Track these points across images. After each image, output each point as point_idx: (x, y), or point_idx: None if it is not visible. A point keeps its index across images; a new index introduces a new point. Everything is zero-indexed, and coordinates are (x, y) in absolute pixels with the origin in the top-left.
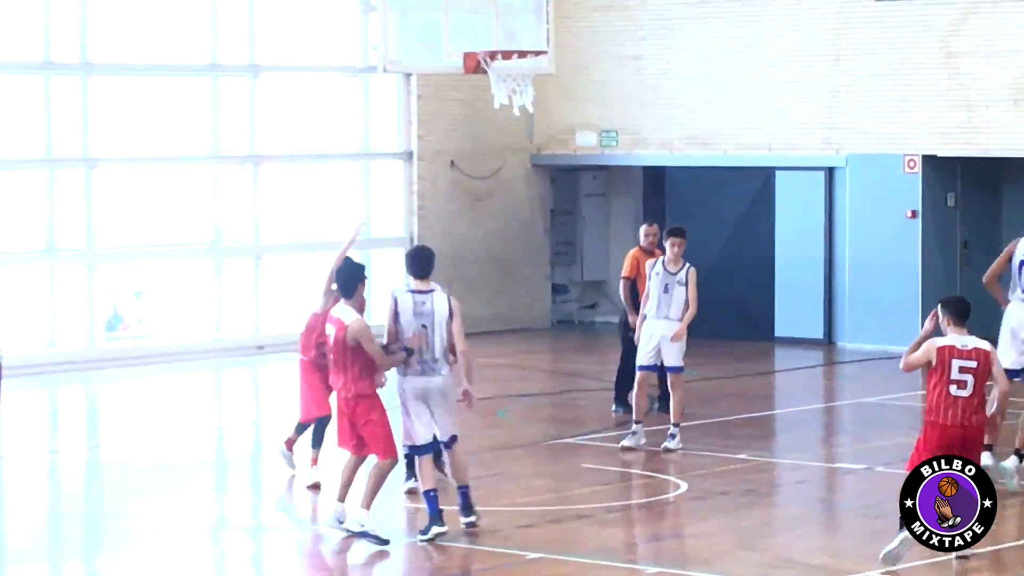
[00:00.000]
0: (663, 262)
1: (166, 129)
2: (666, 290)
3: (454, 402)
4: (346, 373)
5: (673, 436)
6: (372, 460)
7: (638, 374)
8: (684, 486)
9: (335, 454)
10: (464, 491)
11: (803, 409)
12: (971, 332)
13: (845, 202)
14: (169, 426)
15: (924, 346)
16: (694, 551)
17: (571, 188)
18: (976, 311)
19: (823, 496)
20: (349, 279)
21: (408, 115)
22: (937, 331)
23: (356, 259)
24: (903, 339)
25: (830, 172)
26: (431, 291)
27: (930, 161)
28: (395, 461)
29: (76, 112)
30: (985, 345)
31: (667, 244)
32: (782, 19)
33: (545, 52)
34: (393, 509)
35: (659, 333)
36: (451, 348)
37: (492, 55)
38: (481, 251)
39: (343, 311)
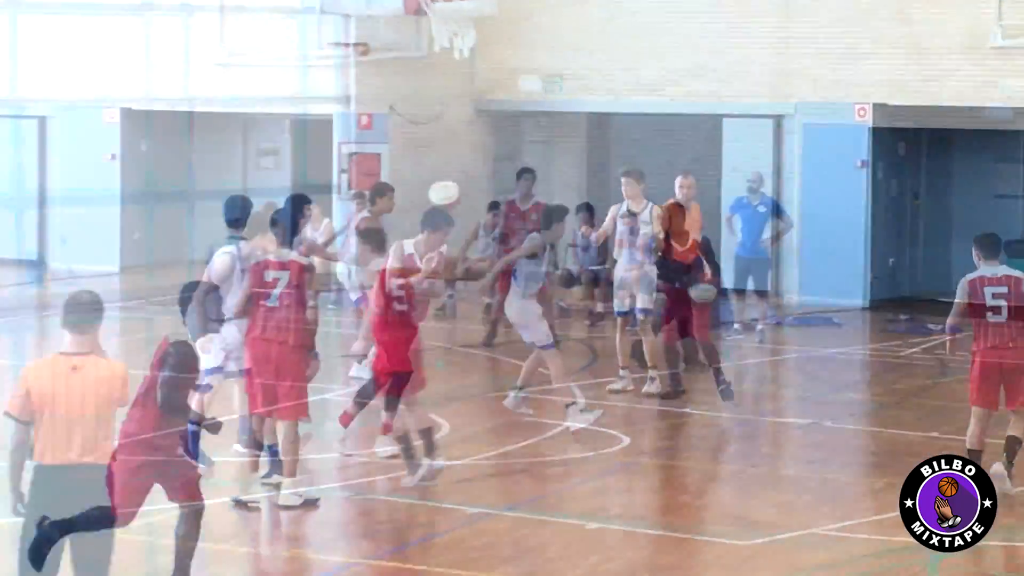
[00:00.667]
0: (627, 205)
1: (97, 70)
2: (632, 232)
3: None
4: (295, 320)
5: (652, 380)
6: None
7: (618, 320)
8: (626, 440)
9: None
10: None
11: (748, 362)
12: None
13: (794, 151)
14: None
15: (958, 288)
16: (636, 506)
17: (514, 135)
18: None
19: (769, 451)
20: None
21: (347, 58)
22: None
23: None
24: (850, 292)
25: (779, 120)
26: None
27: (881, 110)
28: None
29: (4, 51)
30: (1016, 272)
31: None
32: None
33: None
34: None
35: (630, 278)
36: None
37: None
38: (422, 199)
39: (285, 252)
